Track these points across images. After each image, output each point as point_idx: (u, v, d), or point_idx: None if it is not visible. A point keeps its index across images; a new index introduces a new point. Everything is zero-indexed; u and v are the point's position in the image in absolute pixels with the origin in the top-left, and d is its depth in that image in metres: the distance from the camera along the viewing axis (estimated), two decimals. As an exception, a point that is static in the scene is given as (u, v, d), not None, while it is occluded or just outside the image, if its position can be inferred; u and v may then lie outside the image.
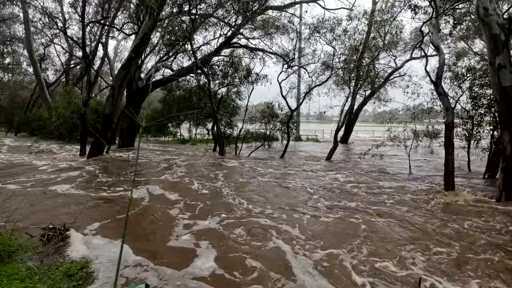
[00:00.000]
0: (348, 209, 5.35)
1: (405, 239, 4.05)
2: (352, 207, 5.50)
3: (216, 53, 14.36)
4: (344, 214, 5.08)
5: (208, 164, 10.14)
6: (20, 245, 3.46)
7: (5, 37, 23.66)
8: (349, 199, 6.05)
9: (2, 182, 6.59)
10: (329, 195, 6.32)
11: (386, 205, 5.68)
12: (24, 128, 21.62)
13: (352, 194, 6.43)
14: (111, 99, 10.30)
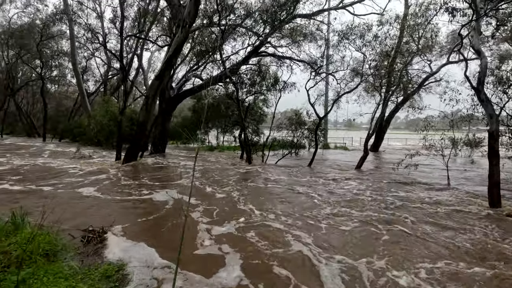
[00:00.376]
0: (379, 222, 5.12)
1: (441, 256, 3.80)
2: (385, 219, 5.26)
3: (244, 62, 14.62)
4: (375, 227, 4.87)
5: (236, 171, 10.25)
6: (64, 245, 3.71)
7: (53, 52, 25.95)
8: (380, 211, 5.79)
9: (50, 185, 7.14)
10: (359, 206, 6.09)
11: (421, 219, 5.35)
12: (67, 135, 23.35)
13: (384, 206, 6.15)
14: (145, 108, 10.85)
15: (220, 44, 11.87)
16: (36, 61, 26.26)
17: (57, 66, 28.44)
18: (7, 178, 7.70)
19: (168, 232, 4.44)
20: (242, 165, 11.98)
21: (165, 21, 17.55)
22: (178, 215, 5.16)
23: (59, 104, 30.72)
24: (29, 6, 24.67)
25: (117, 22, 14.25)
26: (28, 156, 12.46)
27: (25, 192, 6.44)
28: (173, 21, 13.48)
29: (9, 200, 5.74)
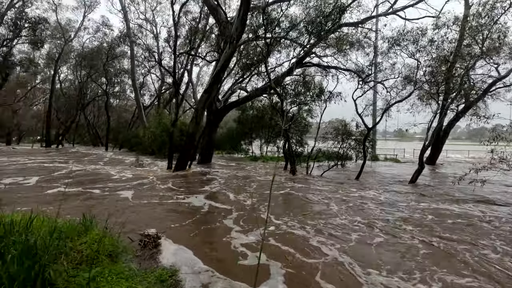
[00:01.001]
0: (447, 243, 4.61)
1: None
2: (449, 246, 4.73)
3: (289, 73, 14.70)
4: (443, 255, 4.40)
5: (279, 182, 10.20)
6: (124, 247, 4.01)
7: (116, 70, 29.10)
8: (445, 234, 5.23)
9: (108, 189, 7.88)
10: (417, 227, 5.56)
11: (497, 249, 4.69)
12: (125, 144, 25.70)
13: (449, 228, 5.54)
14: (195, 120, 11.49)
15: (265, 56, 12.13)
16: (102, 79, 29.72)
17: (119, 83, 31.82)
18: (69, 182, 8.72)
19: (203, 236, 4.56)
20: (286, 176, 11.89)
21: (213, 37, 18.57)
22: (219, 221, 5.29)
23: (119, 117, 34.12)
24: (98, 32, 28.18)
25: (171, 41, 15.52)
26: (86, 163, 13.95)
27: (80, 194, 7.20)
28: (221, 37, 14.21)
29: (89, 205, 6.45)
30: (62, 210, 5.72)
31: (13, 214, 4.03)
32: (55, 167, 12.54)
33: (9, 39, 14.52)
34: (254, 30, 13.63)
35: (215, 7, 13.73)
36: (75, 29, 29.34)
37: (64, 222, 4.20)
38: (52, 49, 29.43)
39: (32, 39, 16.09)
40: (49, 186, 8.36)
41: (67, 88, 33.46)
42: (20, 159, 15.28)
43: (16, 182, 8.74)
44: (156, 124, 19.37)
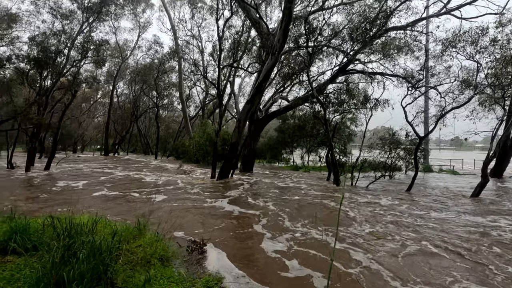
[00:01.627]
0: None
1: None
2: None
3: (331, 81, 14.41)
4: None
5: (322, 193, 9.91)
6: (174, 252, 4.22)
7: (165, 84, 31.31)
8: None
9: (165, 197, 8.39)
10: (489, 256, 4.92)
11: None
12: (173, 153, 27.26)
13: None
14: (237, 130, 11.79)
15: (307, 65, 12.07)
16: (153, 92, 32.16)
17: (168, 96, 34.11)
18: (125, 186, 9.46)
19: (255, 247, 4.56)
20: (329, 187, 11.52)
21: (254, 49, 19.05)
22: (261, 230, 5.28)
23: (167, 127, 36.46)
24: (150, 49, 30.73)
25: (215, 54, 16.30)
26: (134, 169, 15.02)
27: (120, 197, 7.74)
28: (263, 49, 14.51)
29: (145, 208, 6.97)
30: (105, 210, 6.26)
31: (82, 216, 4.52)
32: (104, 172, 13.87)
33: (78, 60, 16.45)
34: (295, 39, 13.70)
35: (257, 20, 14.11)
36: (130, 48, 32.38)
37: (121, 225, 4.58)
38: (111, 67, 32.78)
39: (95, 59, 18.04)
40: (94, 189, 9.38)
41: (123, 102, 36.89)
42: (79, 165, 17.09)
43: (67, 185, 9.91)
44: (201, 134, 20.26)
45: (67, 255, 2.58)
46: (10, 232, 3.30)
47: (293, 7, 10.03)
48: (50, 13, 16.89)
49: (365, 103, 13.29)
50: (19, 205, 6.51)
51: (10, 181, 10.62)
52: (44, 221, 3.78)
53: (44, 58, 14.17)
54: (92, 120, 41.55)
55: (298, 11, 15.22)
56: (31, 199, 7.60)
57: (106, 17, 19.42)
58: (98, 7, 17.34)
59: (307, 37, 11.77)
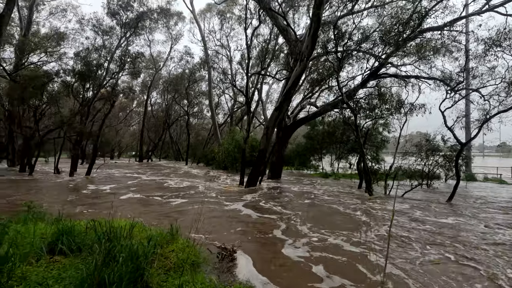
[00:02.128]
0: None
1: None
2: None
3: (362, 86, 13.99)
4: None
5: (354, 202, 9.56)
6: (205, 258, 4.27)
7: (195, 93, 32.39)
8: None
9: (186, 198, 8.60)
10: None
11: None
12: (202, 160, 27.95)
13: None
14: (265, 137, 11.82)
15: (337, 70, 11.85)
16: (184, 101, 33.40)
17: (197, 104, 35.23)
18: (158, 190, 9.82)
19: (286, 256, 4.48)
20: (360, 195, 11.09)
21: (282, 56, 19.11)
22: (292, 239, 5.18)
23: (197, 134, 37.56)
24: (181, 60, 32.07)
25: (243, 63, 16.60)
26: (166, 174, 15.52)
27: (144, 200, 7.98)
28: (291, 56, 14.52)
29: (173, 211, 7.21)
30: (129, 211, 6.49)
31: (119, 220, 4.76)
32: (133, 177, 14.58)
33: (116, 72, 17.59)
34: (323, 45, 13.54)
35: (285, 28, 14.19)
36: (163, 59, 34.02)
37: (155, 230, 4.74)
38: (145, 78, 34.61)
39: (132, 71, 19.17)
40: (121, 192, 9.98)
41: (156, 110, 38.68)
42: (115, 171, 18.08)
43: (97, 189, 10.56)
44: (229, 141, 20.58)
45: (108, 258, 2.72)
46: (58, 234, 3.56)
47: (322, 13, 9.96)
48: (93, 30, 18.34)
49: (399, 108, 12.71)
50: (63, 207, 7.02)
51: (56, 185, 11.51)
52: (87, 224, 4.02)
53: (87, 71, 15.34)
54: (128, 128, 44.02)
55: (326, 16, 15.07)
56: (73, 202, 8.16)
57: (142, 31, 20.66)
58: (134, 22, 18.51)
59: (336, 42, 11.59)
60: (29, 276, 2.76)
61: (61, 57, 19.00)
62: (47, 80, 15.41)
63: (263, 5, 13.33)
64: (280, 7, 15.15)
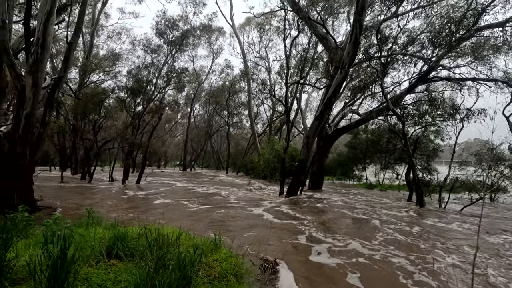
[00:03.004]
0: None
1: None
2: None
3: (410, 91, 13.14)
4: None
5: (408, 218, 8.86)
6: (247, 269, 4.26)
7: (235, 104, 33.29)
8: None
9: (226, 208, 8.73)
10: None
11: None
12: (242, 169, 28.38)
13: None
14: (306, 147, 11.62)
15: (381, 76, 11.30)
16: (224, 112, 34.49)
17: (237, 114, 36.10)
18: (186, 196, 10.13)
19: (331, 275, 4.27)
20: (411, 209, 10.25)
21: (321, 64, 18.82)
22: (335, 255, 4.92)
23: (237, 144, 38.36)
24: (222, 73, 33.36)
25: (282, 73, 16.69)
26: (205, 183, 15.92)
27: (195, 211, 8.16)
28: (331, 64, 14.24)
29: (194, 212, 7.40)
30: (161, 214, 6.70)
31: (167, 227, 4.99)
32: (171, 183, 15.24)
33: (163, 87, 18.85)
34: (365, 50, 13.06)
35: (324, 36, 14.01)
36: (205, 73, 35.70)
37: (199, 239, 4.87)
38: (189, 91, 36.55)
39: (177, 85, 20.40)
40: (155, 197, 10.67)
41: (199, 121, 40.49)
42: (160, 178, 19.11)
43: (134, 194, 11.27)
44: (269, 151, 20.64)
45: (158, 265, 2.85)
46: (114, 239, 3.84)
47: (364, 19, 9.64)
48: (143, 49, 20.00)
49: (454, 114, 11.64)
50: (117, 213, 7.59)
51: (110, 192, 12.54)
52: (140, 231, 4.29)
53: (138, 87, 16.69)
54: (173, 139, 46.65)
55: (367, 21, 14.57)
56: (124, 207, 8.79)
57: (186, 47, 21.93)
58: (179, 40, 19.78)
59: (380, 47, 11.09)
60: (90, 277, 3.01)
61: (116, 75, 20.98)
62: (105, 97, 17.09)
63: (301, 15, 13.36)
64: (318, 15, 15.04)
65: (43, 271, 2.38)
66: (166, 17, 19.23)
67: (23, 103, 7.29)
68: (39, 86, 7.53)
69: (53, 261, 2.35)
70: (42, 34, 7.43)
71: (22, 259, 3.05)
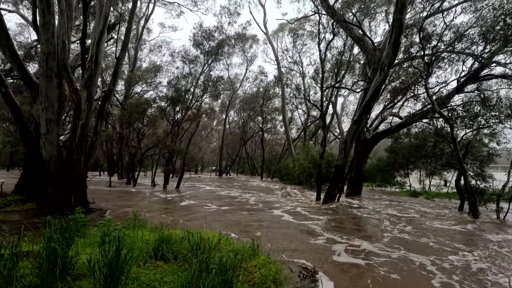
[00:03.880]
0: None
1: None
2: None
3: (458, 91, 12.16)
4: None
5: (457, 228, 8.14)
6: (286, 276, 4.21)
7: (269, 110, 33.44)
8: None
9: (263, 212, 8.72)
10: None
11: None
12: (276, 175, 28.29)
13: None
14: (343, 152, 11.26)
15: (425, 76, 10.61)
16: (258, 118, 34.82)
17: (271, 120, 36.23)
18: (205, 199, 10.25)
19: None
20: (463, 220, 9.39)
21: (358, 67, 18.21)
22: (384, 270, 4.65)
23: (271, 150, 38.40)
24: (256, 80, 33.84)
25: (317, 77, 16.45)
26: (237, 188, 16.04)
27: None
28: (368, 66, 13.72)
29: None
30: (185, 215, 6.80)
31: (207, 231, 5.14)
32: (210, 190, 15.46)
33: (200, 96, 19.62)
34: (406, 50, 12.38)
35: (360, 38, 13.59)
36: (239, 80, 36.50)
37: (238, 244, 4.93)
38: (224, 98, 37.59)
39: (213, 93, 21.08)
40: (182, 200, 11.03)
41: (233, 128, 41.35)
42: (197, 184, 19.70)
43: (174, 199, 11.59)
44: (304, 156, 20.35)
45: (201, 268, 2.95)
46: (159, 241, 4.05)
47: (404, 17, 9.17)
48: (181, 60, 21.09)
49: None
50: (160, 216, 7.99)
51: (153, 196, 13.25)
52: (183, 234, 4.47)
53: (177, 96, 17.57)
54: (209, 145, 48.15)
55: (408, 19, 13.83)
56: (166, 210, 9.23)
57: (221, 57, 22.69)
58: (215, 50, 20.52)
59: (423, 45, 10.43)
60: (139, 277, 3.20)
61: (157, 86, 22.36)
62: (147, 106, 18.23)
63: (336, 18, 13.11)
64: (354, 16, 14.64)
65: (101, 269, 2.58)
66: (202, 28, 20.11)
67: (79, 114, 8.07)
68: (92, 99, 8.28)
69: (109, 260, 2.55)
70: (95, 52, 8.19)
71: (81, 257, 3.34)
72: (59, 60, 7.81)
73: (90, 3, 8.69)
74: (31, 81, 8.88)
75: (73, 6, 9.13)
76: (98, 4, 8.37)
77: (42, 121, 7.71)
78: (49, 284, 2.62)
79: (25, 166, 9.96)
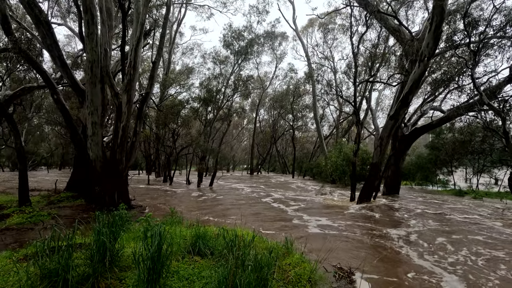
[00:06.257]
0: None
1: None
2: None
3: (510, 81, 11.01)
4: None
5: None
6: (320, 276, 4.15)
7: (300, 107, 32.99)
8: None
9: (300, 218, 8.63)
10: None
11: None
12: (308, 173, 27.88)
13: None
14: (379, 149, 10.77)
15: (471, 66, 9.77)
16: (288, 116, 34.51)
17: (302, 117, 35.72)
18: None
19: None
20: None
21: (394, 59, 17.25)
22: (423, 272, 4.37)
23: (302, 147, 37.94)
24: (286, 77, 33.56)
25: (349, 72, 15.87)
26: (273, 187, 15.99)
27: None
28: (405, 58, 12.95)
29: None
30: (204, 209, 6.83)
31: (241, 229, 5.23)
32: (242, 188, 15.53)
33: (231, 95, 19.92)
34: (449, 38, 11.47)
35: (396, 28, 12.86)
36: (269, 78, 36.43)
37: (272, 242, 4.96)
38: (254, 97, 37.80)
39: (243, 92, 21.29)
40: (213, 198, 10.89)
41: (264, 126, 41.43)
42: (227, 182, 20.02)
43: (209, 197, 11.61)
44: (337, 154, 19.81)
45: (237, 265, 3.01)
46: (196, 237, 4.21)
47: (446, 3, 8.48)
48: (212, 61, 21.58)
49: None
50: (195, 212, 8.28)
51: (188, 193, 13.75)
52: (218, 231, 4.59)
53: (209, 97, 18.02)
54: (240, 144, 48.78)
55: (450, 4, 12.80)
56: (201, 208, 9.53)
57: (250, 56, 22.80)
58: (245, 49, 20.69)
59: (468, 32, 9.60)
60: (178, 271, 3.36)
61: (190, 88, 23.11)
62: (181, 107, 18.94)
63: (370, 9, 12.53)
64: (389, 6, 13.90)
65: (144, 261, 2.75)
66: (232, 29, 20.36)
67: (120, 117, 8.62)
68: (132, 102, 8.80)
69: (152, 254, 2.71)
70: (134, 57, 8.68)
71: (126, 250, 3.59)
72: (102, 67, 8.40)
73: (128, 12, 9.22)
74: (78, 88, 9.66)
75: (113, 15, 9.76)
76: (135, 12, 8.85)
77: (88, 124, 8.36)
78: (99, 274, 2.85)
79: (75, 166, 10.89)
